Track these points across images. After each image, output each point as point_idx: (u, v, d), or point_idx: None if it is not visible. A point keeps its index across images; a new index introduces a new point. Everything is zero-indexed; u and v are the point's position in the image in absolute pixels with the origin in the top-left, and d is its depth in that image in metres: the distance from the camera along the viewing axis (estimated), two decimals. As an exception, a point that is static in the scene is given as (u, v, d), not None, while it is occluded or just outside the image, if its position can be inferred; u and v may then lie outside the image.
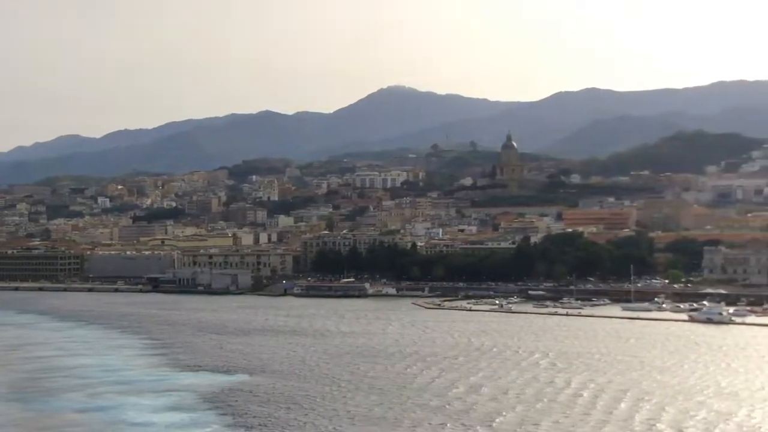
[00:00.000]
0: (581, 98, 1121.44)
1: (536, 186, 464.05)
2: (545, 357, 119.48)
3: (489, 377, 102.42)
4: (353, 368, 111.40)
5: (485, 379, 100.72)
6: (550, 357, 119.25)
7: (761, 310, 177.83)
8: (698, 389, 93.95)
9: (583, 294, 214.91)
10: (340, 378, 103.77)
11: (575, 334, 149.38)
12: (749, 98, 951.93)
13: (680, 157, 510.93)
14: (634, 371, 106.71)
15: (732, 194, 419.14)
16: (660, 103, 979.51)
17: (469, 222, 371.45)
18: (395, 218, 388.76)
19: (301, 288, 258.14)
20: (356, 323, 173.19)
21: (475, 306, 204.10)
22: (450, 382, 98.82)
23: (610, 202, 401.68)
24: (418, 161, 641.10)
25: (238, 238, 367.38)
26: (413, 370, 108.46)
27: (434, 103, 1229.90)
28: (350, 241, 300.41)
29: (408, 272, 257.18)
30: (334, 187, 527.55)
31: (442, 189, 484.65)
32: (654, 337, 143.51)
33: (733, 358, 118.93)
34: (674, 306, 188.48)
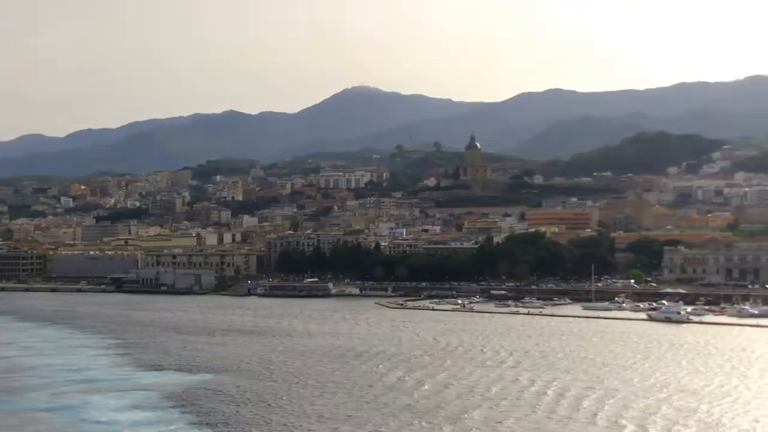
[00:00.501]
0: (545, 99, 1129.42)
1: (499, 186, 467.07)
2: (509, 356, 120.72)
3: (455, 376, 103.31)
4: (319, 367, 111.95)
5: (451, 378, 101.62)
6: (514, 356, 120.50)
7: (718, 309, 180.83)
8: (659, 387, 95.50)
9: (544, 294, 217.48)
10: (305, 377, 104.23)
11: (537, 333, 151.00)
12: (710, 100, 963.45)
13: (642, 158, 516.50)
14: (596, 370, 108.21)
15: (693, 195, 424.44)
16: (623, 105, 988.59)
17: (433, 222, 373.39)
18: (359, 218, 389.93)
19: (265, 288, 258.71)
20: (320, 323, 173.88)
21: (438, 306, 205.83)
22: (417, 381, 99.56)
23: (572, 202, 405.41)
24: (382, 161, 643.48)
25: (202, 238, 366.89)
26: (379, 370, 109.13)
27: (399, 103, 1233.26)
28: (314, 241, 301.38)
29: (371, 272, 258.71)
30: (299, 187, 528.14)
31: (406, 189, 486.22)
32: (615, 336, 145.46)
33: (692, 356, 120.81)
34: (634, 305, 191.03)
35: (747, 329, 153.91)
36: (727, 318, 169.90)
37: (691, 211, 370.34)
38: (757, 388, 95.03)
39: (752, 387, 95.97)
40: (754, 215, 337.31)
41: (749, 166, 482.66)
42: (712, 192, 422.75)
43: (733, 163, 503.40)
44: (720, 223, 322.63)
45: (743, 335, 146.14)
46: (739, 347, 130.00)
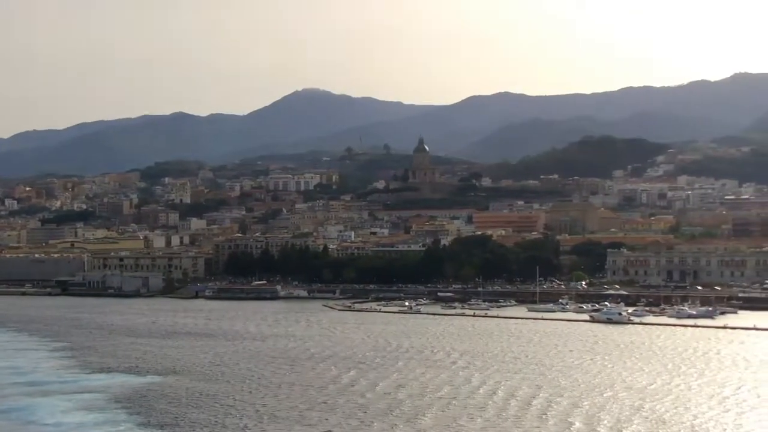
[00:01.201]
0: (494, 102, 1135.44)
1: (448, 189, 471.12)
2: (459, 357, 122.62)
3: (407, 377, 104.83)
4: (271, 369, 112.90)
5: (403, 379, 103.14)
6: (463, 357, 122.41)
7: (659, 310, 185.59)
8: (605, 386, 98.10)
9: (490, 295, 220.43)
10: (255, 379, 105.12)
11: (484, 334, 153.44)
12: (655, 104, 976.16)
13: (588, 162, 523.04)
14: (543, 370, 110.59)
15: (637, 198, 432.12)
16: (570, 108, 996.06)
17: (382, 225, 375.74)
18: (308, 221, 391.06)
19: (213, 290, 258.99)
20: (269, 325, 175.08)
21: (385, 308, 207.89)
22: (370, 382, 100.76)
23: (519, 205, 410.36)
24: (332, 164, 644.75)
25: (149, 241, 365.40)
26: (332, 371, 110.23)
27: (349, 105, 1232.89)
28: (262, 243, 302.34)
29: (320, 275, 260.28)
30: (248, 189, 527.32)
31: (356, 192, 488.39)
32: (558, 337, 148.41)
33: (635, 356, 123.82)
34: (577, 307, 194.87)
35: (685, 329, 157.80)
36: (667, 319, 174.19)
37: (635, 214, 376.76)
38: (697, 387, 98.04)
39: (692, 385, 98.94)
40: (695, 218, 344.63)
41: (692, 169, 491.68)
42: (656, 195, 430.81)
43: (676, 166, 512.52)
44: (662, 226, 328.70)
45: (682, 335, 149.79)
46: (678, 347, 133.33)
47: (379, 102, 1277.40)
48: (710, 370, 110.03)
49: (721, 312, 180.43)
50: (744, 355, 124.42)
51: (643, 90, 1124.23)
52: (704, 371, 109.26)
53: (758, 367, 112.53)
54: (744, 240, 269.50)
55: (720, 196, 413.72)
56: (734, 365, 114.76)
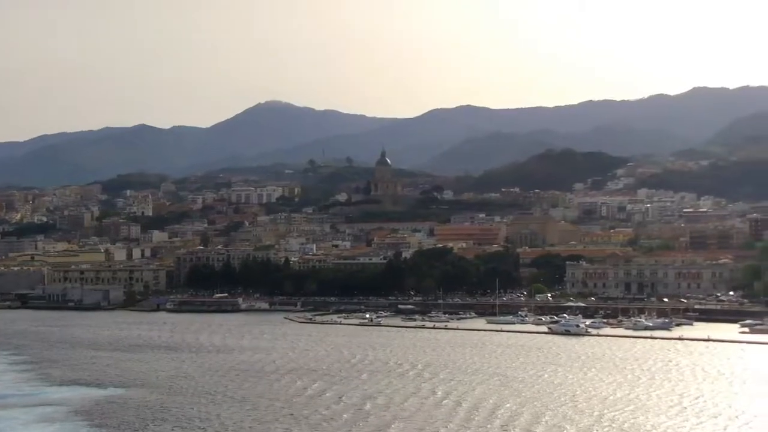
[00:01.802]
0: (456, 115, 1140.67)
1: (410, 202, 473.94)
2: (423, 369, 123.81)
3: (371, 390, 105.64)
4: (230, 382, 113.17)
5: (368, 392, 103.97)
6: (427, 369, 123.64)
7: (616, 322, 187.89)
8: (566, 397, 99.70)
9: (450, 308, 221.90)
10: (216, 392, 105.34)
11: (445, 346, 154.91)
12: (615, 118, 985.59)
13: (549, 175, 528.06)
14: (504, 381, 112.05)
15: (597, 211, 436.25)
16: (532, 121, 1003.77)
17: (343, 237, 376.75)
18: (270, 234, 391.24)
19: (174, 303, 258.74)
20: (229, 338, 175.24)
21: (346, 320, 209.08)
22: (335, 395, 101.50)
23: (480, 218, 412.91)
24: (294, 177, 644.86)
25: (110, 254, 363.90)
26: (296, 383, 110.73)
27: (311, 118, 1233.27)
28: (224, 256, 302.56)
29: (281, 287, 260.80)
30: (210, 202, 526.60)
31: (318, 204, 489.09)
32: (517, 349, 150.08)
33: (593, 367, 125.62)
34: (536, 319, 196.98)
35: (642, 341, 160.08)
36: (624, 330, 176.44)
37: (595, 227, 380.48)
38: (656, 397, 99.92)
39: (651, 396, 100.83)
40: (653, 231, 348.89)
41: (651, 183, 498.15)
42: (616, 208, 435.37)
43: (636, 180, 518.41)
44: (621, 238, 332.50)
45: (638, 347, 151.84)
46: (636, 358, 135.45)
47: (342, 114, 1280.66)
48: (668, 381, 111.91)
49: (677, 324, 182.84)
50: (700, 366, 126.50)
51: (604, 103, 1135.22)
52: (662, 382, 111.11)
53: (714, 378, 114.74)
54: (701, 252, 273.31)
55: (678, 209, 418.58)
56: (691, 376, 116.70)
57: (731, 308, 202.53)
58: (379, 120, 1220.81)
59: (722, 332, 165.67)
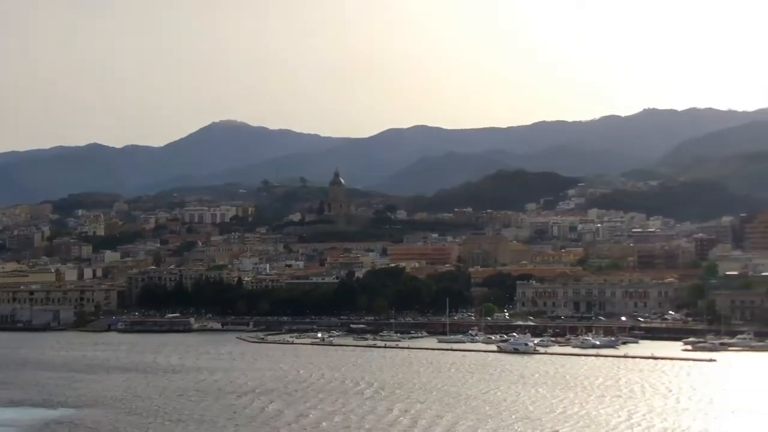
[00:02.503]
0: (411, 135, 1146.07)
1: (363, 222, 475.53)
2: (379, 388, 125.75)
3: (327, 408, 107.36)
4: (181, 401, 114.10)
5: (324, 410, 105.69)
6: (385, 388, 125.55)
7: (564, 341, 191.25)
8: (516, 414, 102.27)
9: (402, 327, 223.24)
10: (168, 411, 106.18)
11: (398, 365, 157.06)
12: (568, 138, 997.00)
13: (502, 195, 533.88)
14: (457, 399, 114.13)
15: (548, 231, 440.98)
16: (485, 142, 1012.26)
17: (297, 257, 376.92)
18: (223, 253, 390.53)
19: (126, 323, 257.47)
20: (182, 358, 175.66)
21: (298, 339, 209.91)
22: (294, 414, 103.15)
23: (433, 237, 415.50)
24: (248, 196, 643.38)
25: (61, 274, 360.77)
26: (249, 404, 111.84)
27: (266, 137, 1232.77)
28: (176, 276, 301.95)
29: (234, 307, 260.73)
30: (163, 221, 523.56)
31: (272, 224, 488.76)
32: (467, 367, 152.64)
33: (540, 385, 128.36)
34: (486, 337, 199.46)
35: (589, 359, 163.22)
36: (571, 349, 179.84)
37: (547, 247, 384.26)
38: (603, 414, 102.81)
39: (599, 412, 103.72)
40: (603, 250, 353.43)
41: (602, 202, 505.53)
42: (567, 228, 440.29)
43: (587, 200, 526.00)
44: (572, 258, 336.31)
45: (586, 365, 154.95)
46: (582, 376, 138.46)
47: (296, 134, 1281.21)
48: (616, 398, 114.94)
49: (623, 342, 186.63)
50: (646, 383, 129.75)
51: (556, 124, 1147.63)
52: (610, 399, 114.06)
53: (660, 395, 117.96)
54: (648, 272, 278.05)
55: (628, 228, 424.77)
56: (637, 393, 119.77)
57: (675, 326, 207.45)
58: (333, 139, 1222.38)
59: (666, 350, 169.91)
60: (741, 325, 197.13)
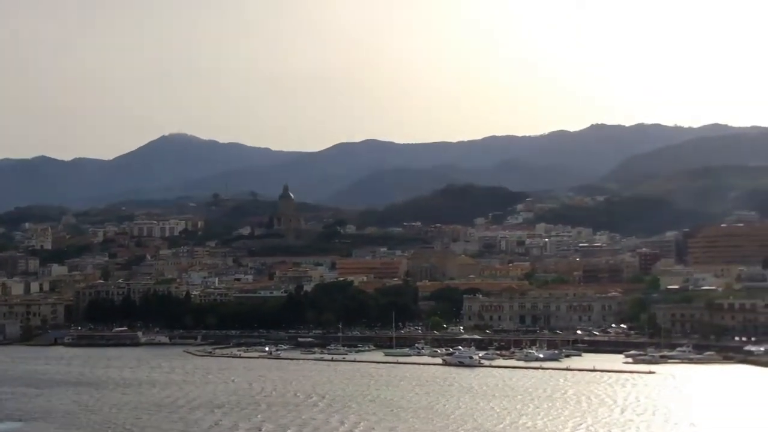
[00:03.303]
0: (362, 149, 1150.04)
1: (312, 236, 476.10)
2: (320, 400, 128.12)
3: (272, 420, 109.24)
4: (131, 415, 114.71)
5: (270, 422, 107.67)
6: (324, 400, 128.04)
7: (509, 354, 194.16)
8: (458, 426, 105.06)
9: (349, 340, 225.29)
10: (118, 425, 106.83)
11: (345, 378, 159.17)
12: (518, 153, 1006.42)
13: (451, 209, 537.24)
14: (399, 411, 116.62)
15: (496, 245, 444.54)
16: (436, 156, 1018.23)
17: (246, 271, 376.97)
18: (172, 267, 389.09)
19: (72, 337, 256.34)
20: (128, 371, 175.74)
21: (245, 353, 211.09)
22: (237, 426, 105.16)
23: (382, 252, 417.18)
24: (198, 210, 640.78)
25: (7, 288, 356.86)
26: (198, 416, 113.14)
27: (216, 151, 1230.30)
28: (124, 290, 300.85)
29: (182, 321, 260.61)
30: (111, 235, 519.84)
31: (221, 238, 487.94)
32: (416, 380, 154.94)
33: (483, 397, 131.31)
34: (432, 351, 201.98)
35: (533, 371, 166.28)
36: (516, 362, 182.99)
37: (495, 261, 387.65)
38: (543, 425, 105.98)
39: (539, 423, 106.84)
40: (550, 265, 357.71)
41: (549, 217, 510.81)
42: (515, 242, 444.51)
43: (535, 214, 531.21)
44: (519, 272, 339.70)
45: (529, 377, 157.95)
46: (525, 388, 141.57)
47: (246, 148, 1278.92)
48: (555, 409, 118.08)
49: (566, 355, 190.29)
50: (587, 394, 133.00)
51: (506, 139, 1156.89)
52: (551, 410, 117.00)
53: (598, 406, 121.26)
54: (593, 286, 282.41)
55: (575, 243, 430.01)
56: (579, 404, 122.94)
57: (617, 339, 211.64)
58: (284, 154, 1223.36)
59: (607, 362, 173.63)
60: (681, 338, 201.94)
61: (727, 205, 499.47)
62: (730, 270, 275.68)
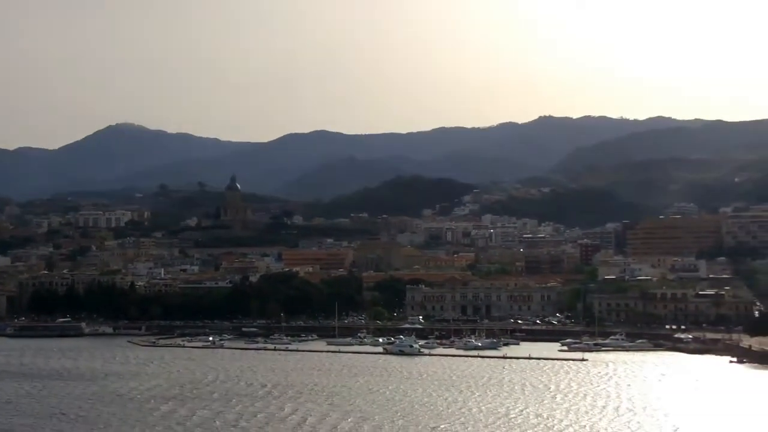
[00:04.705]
0: (311, 140, 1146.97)
1: (259, 227, 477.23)
2: (268, 388, 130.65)
3: (222, 408, 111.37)
4: (77, 405, 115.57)
5: (220, 410, 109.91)
6: (269, 388, 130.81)
7: (449, 342, 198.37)
8: (402, 411, 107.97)
9: (293, 330, 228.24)
10: (65, 415, 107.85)
11: (288, 367, 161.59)
12: (467, 145, 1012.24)
13: (399, 200, 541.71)
14: (338, 399, 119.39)
15: (443, 236, 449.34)
16: (385, 147, 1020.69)
17: (192, 262, 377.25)
18: (118, 258, 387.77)
19: (14, 328, 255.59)
20: (71, 362, 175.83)
21: (189, 343, 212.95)
22: (188, 414, 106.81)
23: (329, 243, 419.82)
24: (145, 201, 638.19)
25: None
26: (149, 406, 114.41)
27: (164, 141, 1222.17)
28: (68, 281, 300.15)
29: (126, 312, 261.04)
30: (56, 226, 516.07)
31: (168, 229, 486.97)
32: (357, 369, 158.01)
33: (423, 384, 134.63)
34: (374, 340, 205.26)
35: (471, 360, 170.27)
36: (455, 350, 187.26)
37: (440, 252, 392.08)
38: (485, 409, 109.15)
39: (481, 408, 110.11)
40: (494, 255, 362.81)
41: (496, 209, 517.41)
42: (461, 233, 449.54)
43: (481, 206, 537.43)
44: (464, 263, 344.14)
45: (468, 365, 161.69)
46: (464, 375, 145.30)
47: (195, 138, 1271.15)
48: (494, 395, 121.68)
49: (504, 343, 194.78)
50: (524, 381, 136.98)
51: (456, 130, 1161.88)
52: (489, 397, 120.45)
53: (535, 392, 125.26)
54: (534, 276, 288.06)
55: (520, 234, 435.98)
56: (516, 391, 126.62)
57: (555, 328, 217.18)
58: (233, 144, 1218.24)
59: (543, 351, 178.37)
60: (615, 326, 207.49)
61: (669, 198, 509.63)
62: (666, 261, 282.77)
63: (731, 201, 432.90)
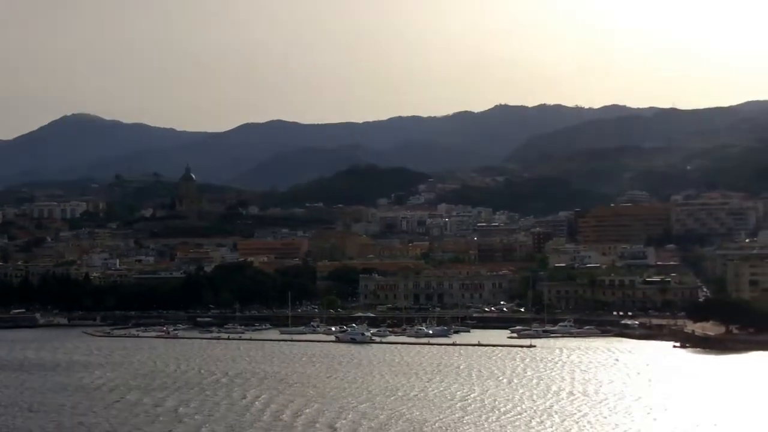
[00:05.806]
0: (267, 130, 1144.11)
1: (215, 217, 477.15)
2: (229, 376, 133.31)
3: (182, 397, 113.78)
4: (34, 397, 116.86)
5: (181, 398, 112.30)
6: (231, 376, 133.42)
7: (400, 330, 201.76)
8: (353, 398, 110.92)
9: (247, 320, 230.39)
10: (23, 407, 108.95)
11: (244, 356, 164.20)
12: (423, 134, 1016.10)
13: (354, 190, 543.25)
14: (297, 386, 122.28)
15: (398, 225, 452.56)
16: (341, 137, 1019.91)
17: (148, 253, 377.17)
18: (72, 249, 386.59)
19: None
20: (21, 352, 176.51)
21: (143, 333, 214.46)
22: (152, 403, 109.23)
23: (284, 232, 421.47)
24: (100, 191, 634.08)
25: None
26: (112, 396, 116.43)
27: (120, 131, 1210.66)
28: (22, 272, 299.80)
29: (81, 302, 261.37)
30: (10, 217, 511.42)
31: (123, 220, 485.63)
32: (311, 357, 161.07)
33: (375, 371, 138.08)
34: (327, 329, 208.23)
35: (422, 347, 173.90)
36: (406, 338, 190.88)
37: (395, 241, 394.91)
38: (437, 395, 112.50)
39: (433, 394, 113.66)
40: (448, 244, 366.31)
41: (451, 198, 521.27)
42: (416, 222, 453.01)
43: (437, 195, 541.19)
44: (418, 252, 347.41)
45: (420, 353, 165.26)
46: (415, 362, 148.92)
47: (150, 128, 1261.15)
48: (445, 381, 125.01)
49: (455, 331, 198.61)
50: (473, 367, 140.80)
51: (411, 119, 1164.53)
52: (440, 383, 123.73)
53: (485, 378, 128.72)
54: (487, 264, 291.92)
55: (474, 223, 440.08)
56: (464, 377, 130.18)
57: (505, 316, 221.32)
58: (189, 134, 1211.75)
59: (493, 338, 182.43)
60: (564, 313, 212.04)
61: (622, 186, 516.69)
62: (615, 248, 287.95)
63: (683, 189, 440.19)
